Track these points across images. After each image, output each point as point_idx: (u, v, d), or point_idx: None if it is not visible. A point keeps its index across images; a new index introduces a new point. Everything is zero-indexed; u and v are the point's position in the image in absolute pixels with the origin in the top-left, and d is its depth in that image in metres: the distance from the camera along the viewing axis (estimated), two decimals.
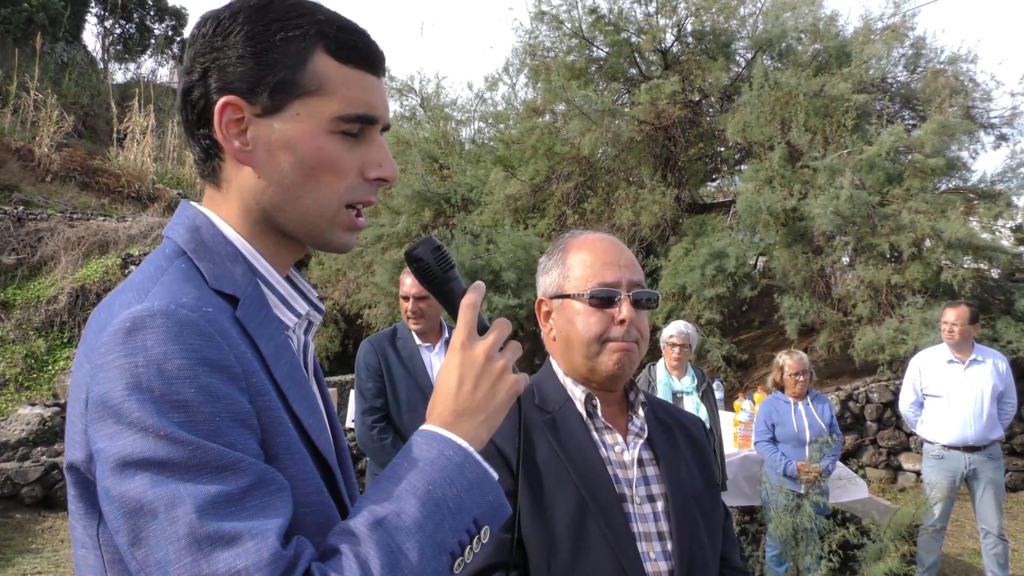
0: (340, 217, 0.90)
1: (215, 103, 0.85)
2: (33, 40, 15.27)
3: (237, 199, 0.89)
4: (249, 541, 0.69)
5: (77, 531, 0.83)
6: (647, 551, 1.30)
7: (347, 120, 0.87)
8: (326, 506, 0.84)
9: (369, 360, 3.58)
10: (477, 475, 0.84)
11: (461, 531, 0.81)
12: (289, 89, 0.85)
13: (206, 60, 0.86)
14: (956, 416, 4.70)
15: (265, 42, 0.85)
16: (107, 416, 0.72)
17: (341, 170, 0.88)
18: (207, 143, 0.88)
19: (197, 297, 0.79)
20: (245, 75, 0.85)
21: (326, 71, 0.86)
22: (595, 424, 1.41)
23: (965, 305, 4.85)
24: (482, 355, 0.91)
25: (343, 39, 0.88)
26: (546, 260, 1.49)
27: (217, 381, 0.74)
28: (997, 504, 4.69)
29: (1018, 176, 8.34)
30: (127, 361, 0.73)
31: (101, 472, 0.72)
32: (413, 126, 12.28)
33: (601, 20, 10.25)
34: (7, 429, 7.37)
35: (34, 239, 11.50)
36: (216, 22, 0.86)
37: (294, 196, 0.88)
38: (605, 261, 1.40)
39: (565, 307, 1.42)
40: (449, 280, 0.98)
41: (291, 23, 0.86)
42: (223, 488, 0.71)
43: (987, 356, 4.82)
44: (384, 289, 9.59)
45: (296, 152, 0.86)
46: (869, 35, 9.48)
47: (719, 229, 9.26)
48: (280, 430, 0.80)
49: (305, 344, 0.97)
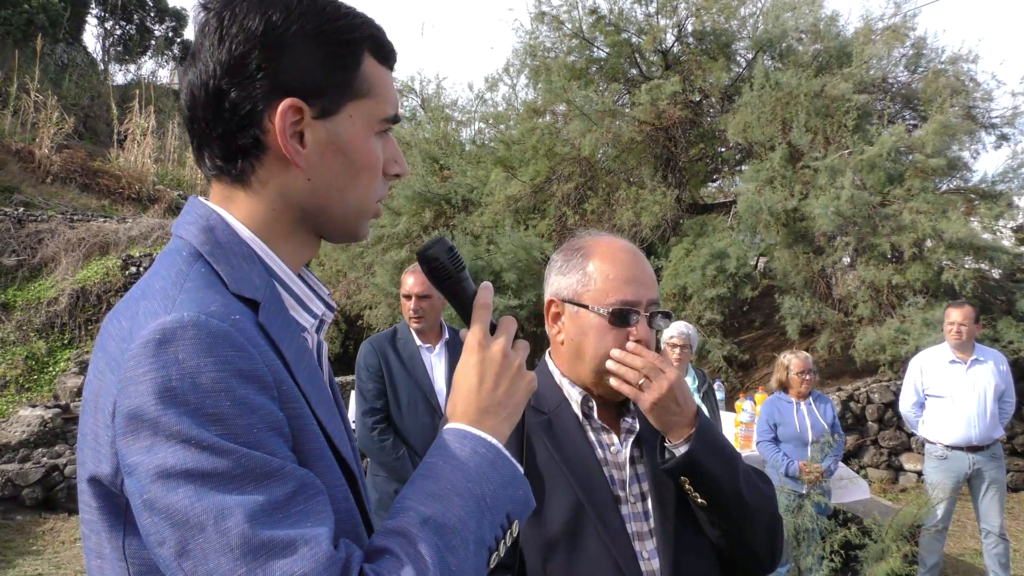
0: (372, 209, 0.93)
1: (268, 105, 0.82)
2: (33, 41, 15.29)
3: (273, 200, 0.87)
4: (304, 547, 0.70)
5: (92, 541, 0.81)
6: (640, 550, 1.30)
7: (390, 121, 0.90)
8: (352, 512, 0.84)
9: (369, 361, 3.58)
10: (509, 470, 0.86)
11: (496, 526, 0.83)
12: (345, 93, 0.86)
13: (254, 59, 0.82)
14: (959, 416, 4.69)
15: (328, 44, 0.84)
16: (142, 429, 0.71)
17: (377, 171, 0.91)
18: (247, 143, 0.84)
19: (224, 304, 0.78)
20: (306, 77, 0.83)
21: (373, 73, 0.88)
22: (591, 425, 1.40)
23: (969, 305, 4.84)
24: (499, 353, 0.92)
25: (384, 41, 0.89)
26: (563, 261, 1.44)
27: (251, 392, 0.74)
28: (999, 504, 4.69)
29: (1019, 176, 8.33)
30: (160, 374, 0.71)
31: (139, 485, 0.71)
32: (414, 127, 12.28)
33: (601, 20, 10.24)
34: (8, 431, 7.36)
35: (34, 240, 11.50)
36: (264, 18, 0.82)
37: (340, 197, 0.88)
38: (627, 277, 1.37)
39: (580, 316, 1.39)
40: (461, 280, 0.99)
41: (346, 25, 0.86)
42: (269, 496, 0.71)
43: (988, 356, 4.82)
44: (384, 290, 9.59)
45: (348, 154, 0.87)
46: (870, 35, 9.47)
47: (720, 230, 9.26)
48: (311, 437, 0.80)
49: (319, 344, 0.96)
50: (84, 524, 0.83)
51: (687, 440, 1.31)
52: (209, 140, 0.86)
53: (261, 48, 0.82)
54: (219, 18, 0.83)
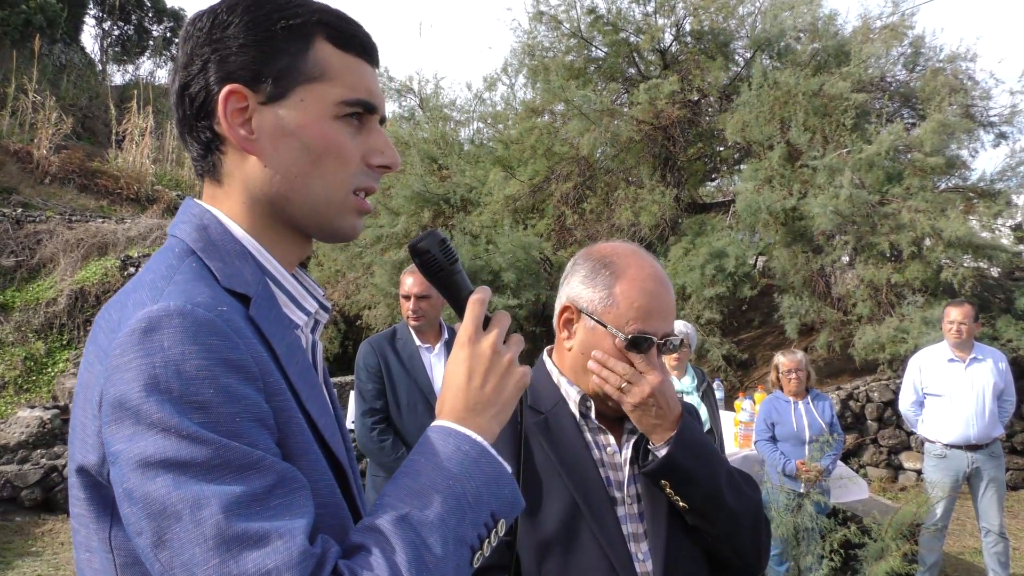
0: (348, 202, 0.91)
1: (216, 93, 0.85)
2: (31, 42, 15.26)
3: (241, 192, 0.88)
4: (277, 540, 0.69)
5: (81, 535, 0.81)
6: (636, 551, 1.30)
7: (349, 104, 0.88)
8: (339, 507, 0.84)
9: (369, 361, 3.57)
10: (493, 469, 0.85)
11: (480, 525, 0.82)
12: (292, 76, 0.86)
13: (205, 52, 0.86)
14: (958, 415, 4.69)
15: (267, 31, 0.86)
16: (125, 417, 0.71)
17: (346, 156, 0.89)
18: (208, 136, 0.87)
19: (212, 296, 0.78)
20: (247, 63, 0.85)
21: (327, 58, 0.88)
22: (588, 425, 1.40)
23: (968, 303, 4.84)
24: (489, 349, 0.91)
25: (343, 27, 0.90)
26: (590, 271, 1.41)
27: (236, 381, 0.74)
28: (999, 502, 4.69)
29: (1017, 174, 8.34)
30: (145, 362, 0.72)
31: (120, 474, 0.71)
32: (412, 127, 12.26)
33: (599, 20, 10.24)
34: (6, 432, 7.35)
35: (33, 241, 11.48)
36: (213, 16, 0.87)
37: (302, 184, 0.88)
38: (651, 309, 1.37)
39: (596, 332, 1.38)
40: (454, 273, 0.97)
41: (291, 12, 0.87)
42: (247, 488, 0.70)
43: (987, 354, 4.81)
44: (384, 290, 9.58)
45: (301, 138, 0.86)
46: (868, 34, 9.47)
47: (719, 229, 9.26)
48: (296, 431, 0.80)
49: (313, 344, 0.96)
50: (74, 518, 0.82)
51: (667, 443, 1.32)
52: (185, 139, 0.90)
53: (208, 41, 0.86)
54: (188, 23, 0.90)
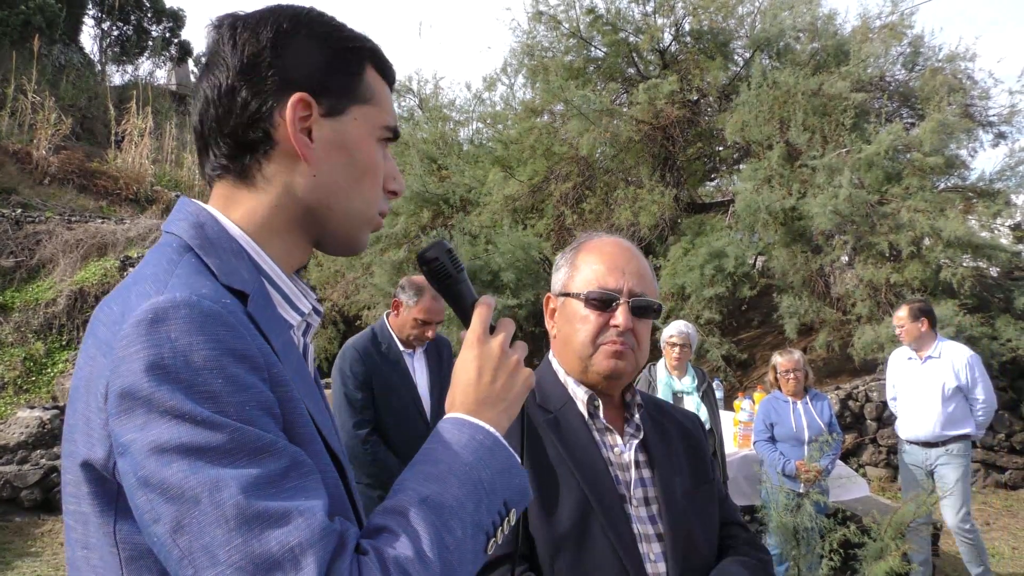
0: (374, 220, 0.97)
1: (280, 101, 0.87)
2: (30, 42, 15.24)
3: (278, 196, 0.90)
4: (299, 518, 0.70)
5: (77, 531, 0.80)
6: (647, 552, 1.31)
7: (390, 130, 0.96)
8: (343, 499, 0.85)
9: (356, 369, 3.43)
10: (506, 459, 0.88)
11: (494, 512, 0.84)
12: (349, 95, 0.91)
13: (266, 59, 0.88)
14: (913, 412, 4.78)
15: (334, 49, 0.91)
16: (136, 407, 0.71)
17: (379, 177, 0.95)
18: (257, 138, 0.88)
19: (214, 289, 0.79)
20: (315, 75, 0.89)
21: (374, 83, 0.95)
22: (596, 425, 1.41)
23: (908, 304, 4.91)
24: (498, 349, 0.95)
25: (384, 57, 0.97)
26: (560, 258, 1.51)
27: (243, 371, 0.75)
28: (955, 504, 4.61)
29: (1016, 174, 8.34)
30: (153, 352, 0.72)
31: (133, 463, 0.71)
32: (411, 127, 12.25)
33: (599, 20, 10.24)
34: (6, 432, 7.35)
35: (32, 242, 11.48)
36: (276, 25, 0.89)
37: (345, 197, 0.92)
38: (610, 266, 1.41)
39: (567, 306, 1.44)
40: (460, 282, 1.01)
41: (349, 35, 0.94)
42: (264, 470, 0.71)
43: (948, 353, 4.73)
44: (383, 290, 9.58)
45: (352, 154, 0.91)
46: (867, 34, 9.47)
47: (718, 229, 9.26)
48: (301, 421, 0.81)
49: (305, 347, 0.97)
50: (69, 516, 0.82)
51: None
52: (217, 139, 0.90)
53: (271, 48, 0.88)
54: (232, 29, 0.90)
